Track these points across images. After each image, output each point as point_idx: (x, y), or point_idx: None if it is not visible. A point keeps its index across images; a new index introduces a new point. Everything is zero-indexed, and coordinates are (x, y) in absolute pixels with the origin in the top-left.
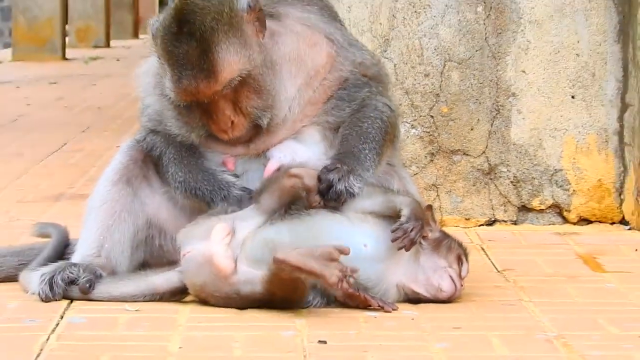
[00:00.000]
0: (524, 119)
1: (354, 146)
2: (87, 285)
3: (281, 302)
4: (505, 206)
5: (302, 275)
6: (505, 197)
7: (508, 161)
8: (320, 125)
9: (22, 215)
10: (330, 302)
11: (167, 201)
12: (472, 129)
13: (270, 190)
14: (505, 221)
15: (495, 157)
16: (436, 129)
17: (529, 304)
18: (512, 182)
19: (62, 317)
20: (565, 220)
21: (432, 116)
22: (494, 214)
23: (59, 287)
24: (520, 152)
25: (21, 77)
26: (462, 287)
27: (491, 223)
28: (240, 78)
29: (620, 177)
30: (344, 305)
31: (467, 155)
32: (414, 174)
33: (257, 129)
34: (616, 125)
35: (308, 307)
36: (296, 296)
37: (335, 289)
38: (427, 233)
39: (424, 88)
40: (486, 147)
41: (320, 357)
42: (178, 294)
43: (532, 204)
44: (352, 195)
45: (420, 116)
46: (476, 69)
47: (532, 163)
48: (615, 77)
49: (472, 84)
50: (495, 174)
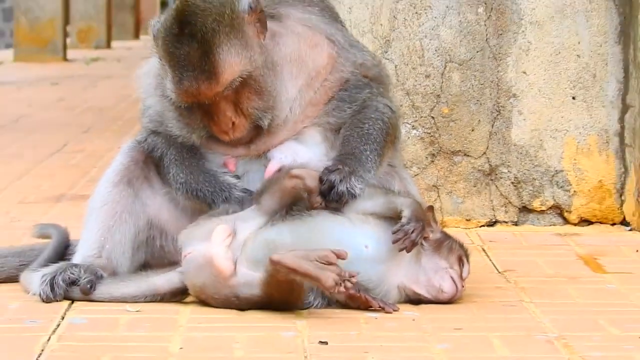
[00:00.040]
0: (524, 120)
1: (355, 147)
2: (88, 286)
3: (279, 305)
4: (506, 207)
5: (298, 278)
6: (506, 198)
7: (509, 162)
8: (321, 126)
9: (23, 216)
10: (331, 303)
11: (168, 202)
12: (472, 130)
13: (271, 191)
14: (506, 222)
15: (496, 158)
16: (437, 130)
17: (529, 305)
18: (512, 183)
19: (63, 318)
20: (566, 221)
21: (432, 117)
22: (494, 215)
23: (60, 287)
24: (521, 153)
25: (22, 78)
26: (463, 288)
27: (492, 224)
28: (242, 79)
29: (621, 178)
30: (344, 306)
31: (468, 156)
32: (415, 175)
33: (258, 130)
34: (617, 127)
35: (309, 307)
36: (293, 298)
37: (332, 292)
38: (428, 234)
39: (424, 89)
40: (487, 148)
41: (321, 357)
42: (179, 295)
43: (532, 205)
44: (354, 197)
45: (421, 117)
46: (477, 70)
47: (532, 164)
48: (616, 78)
49: (472, 85)
50: (496, 174)
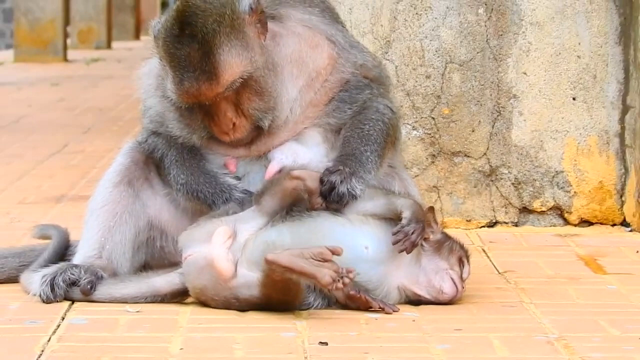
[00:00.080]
0: (525, 120)
1: (356, 148)
2: (89, 286)
3: (278, 305)
4: (506, 208)
5: (293, 276)
6: (507, 199)
7: (509, 163)
8: (321, 127)
9: (23, 217)
10: (331, 303)
11: (169, 203)
12: (473, 131)
13: (271, 192)
14: (506, 223)
15: (497, 159)
16: (437, 130)
17: (530, 306)
18: (513, 183)
19: (63, 319)
20: (567, 222)
21: (433, 118)
22: (495, 216)
23: (60, 288)
24: (522, 154)
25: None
26: (463, 289)
27: (492, 225)
28: (242, 80)
29: (622, 179)
30: (344, 306)
31: (468, 157)
32: (415, 176)
33: (259, 131)
34: (617, 127)
35: (309, 308)
36: (291, 298)
37: (329, 289)
38: (428, 235)
39: (425, 90)
40: (487, 149)
41: (321, 358)
42: (179, 296)
43: (533, 206)
44: (354, 198)
45: (422, 118)
46: (477, 71)
47: (533, 165)
48: (617, 79)
49: (473, 86)
50: (497, 175)
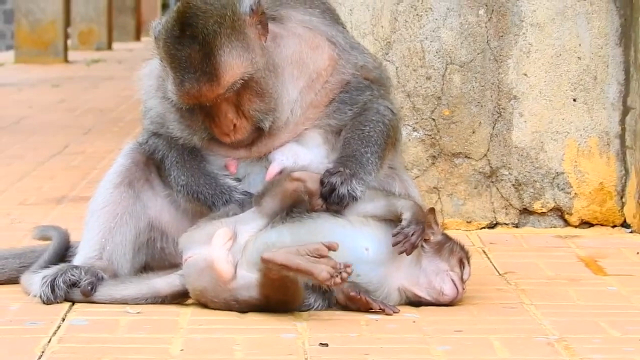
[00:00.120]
0: (525, 122)
1: (356, 150)
2: (89, 287)
3: (277, 305)
4: (506, 209)
5: (290, 274)
6: (507, 200)
7: (510, 164)
8: (322, 128)
9: (24, 218)
10: (332, 304)
11: (169, 204)
12: (473, 132)
13: (272, 193)
14: (506, 224)
15: (497, 160)
16: (438, 132)
17: (530, 307)
18: (513, 185)
19: (63, 320)
20: (567, 223)
21: (433, 119)
22: (495, 217)
23: (60, 289)
24: (522, 155)
25: (23, 80)
26: (464, 290)
27: (493, 226)
28: (243, 81)
29: (622, 180)
30: (345, 308)
31: (469, 158)
32: (416, 177)
33: (259, 132)
34: (618, 129)
35: (309, 309)
36: (289, 297)
37: (327, 285)
38: (428, 236)
39: (425, 91)
40: (488, 150)
41: (321, 359)
42: (180, 297)
43: (533, 207)
44: (355, 199)
45: (422, 119)
46: (478, 72)
47: (533, 166)
48: (617, 80)
49: (473, 87)
50: (497, 177)
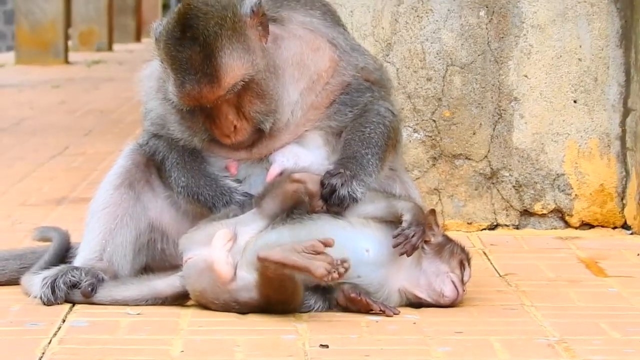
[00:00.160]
0: (526, 123)
1: (357, 151)
2: (89, 288)
3: (277, 305)
4: (507, 210)
5: (287, 271)
6: (508, 202)
7: (510, 165)
8: (322, 129)
9: (24, 219)
10: (332, 306)
11: (170, 205)
12: (474, 134)
13: (272, 194)
14: (507, 225)
15: (498, 162)
16: (438, 133)
17: (530, 309)
18: (514, 186)
19: (64, 321)
20: (568, 225)
21: (434, 120)
22: (496, 219)
23: (61, 290)
24: (523, 157)
25: (24, 81)
26: (464, 292)
27: (493, 227)
28: (244, 83)
29: (622, 181)
30: (345, 309)
31: (469, 159)
32: (416, 179)
33: (260, 134)
34: (618, 130)
35: (309, 311)
36: (288, 296)
37: (325, 281)
38: (429, 238)
39: (426, 92)
40: (488, 152)
41: None
42: (180, 299)
43: (534, 209)
44: (355, 201)
45: (423, 120)
46: (478, 74)
47: (534, 167)
48: (618, 82)
49: (474, 89)
50: (498, 178)
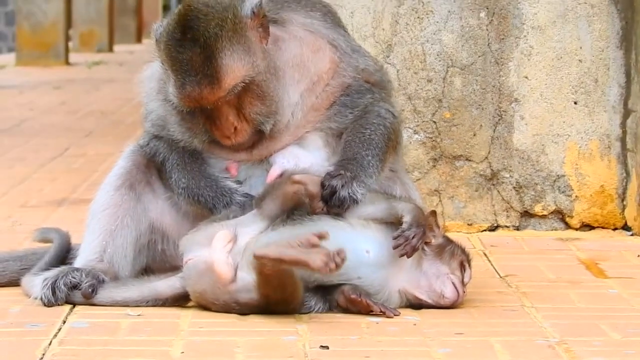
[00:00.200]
0: (526, 124)
1: (357, 153)
2: (90, 290)
3: (277, 305)
4: (507, 212)
5: (285, 266)
6: (508, 203)
7: (510, 167)
8: (323, 131)
9: (25, 220)
10: (332, 307)
11: (170, 206)
12: (474, 135)
13: (273, 196)
14: (507, 227)
15: (498, 163)
16: (439, 134)
17: (531, 310)
18: (514, 187)
19: (64, 322)
20: (568, 226)
21: (434, 122)
22: (496, 220)
23: (61, 291)
24: (523, 158)
25: (24, 82)
26: (464, 293)
27: (494, 229)
28: (244, 84)
29: (623, 183)
30: (345, 310)
31: (470, 160)
32: (417, 180)
33: (260, 135)
34: (619, 131)
35: (310, 312)
36: (288, 294)
37: (323, 272)
38: (429, 239)
39: (426, 93)
40: (489, 153)
41: None
42: (181, 300)
43: (534, 210)
44: (355, 202)
45: (423, 122)
46: (479, 75)
47: (534, 169)
48: (618, 83)
49: (474, 90)
50: (498, 179)
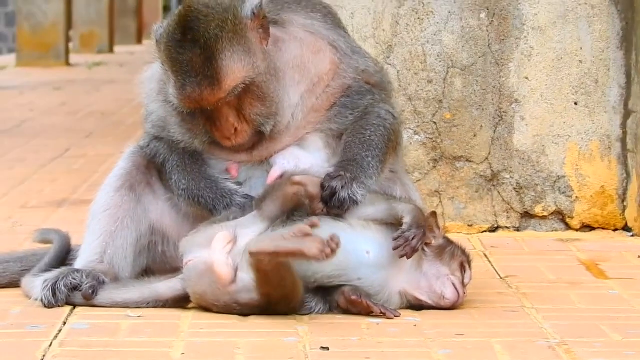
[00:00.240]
0: (526, 125)
1: (357, 154)
2: (90, 291)
3: (278, 304)
4: (508, 213)
5: (281, 259)
6: (508, 204)
7: (511, 168)
8: (323, 132)
9: (25, 221)
10: (333, 308)
11: (170, 208)
12: (475, 136)
13: (273, 197)
14: (508, 228)
15: (498, 164)
16: (439, 135)
17: (531, 311)
18: (515, 188)
19: (64, 323)
20: (568, 227)
21: (435, 122)
22: (496, 221)
23: (61, 293)
24: (523, 159)
25: (25, 83)
26: (464, 294)
27: (494, 229)
28: (244, 85)
29: (623, 183)
30: (346, 311)
31: (470, 161)
32: (417, 181)
33: (261, 136)
34: (619, 132)
35: (310, 313)
36: (289, 291)
37: (319, 259)
38: (430, 240)
39: (427, 94)
40: (489, 154)
41: None
42: (181, 302)
43: (535, 211)
44: (355, 203)
45: (423, 122)
46: (479, 76)
47: (535, 170)
48: (618, 84)
49: (475, 91)
50: (498, 180)
